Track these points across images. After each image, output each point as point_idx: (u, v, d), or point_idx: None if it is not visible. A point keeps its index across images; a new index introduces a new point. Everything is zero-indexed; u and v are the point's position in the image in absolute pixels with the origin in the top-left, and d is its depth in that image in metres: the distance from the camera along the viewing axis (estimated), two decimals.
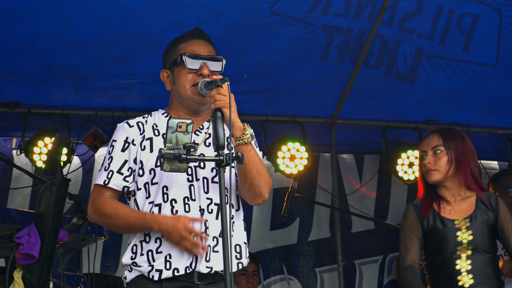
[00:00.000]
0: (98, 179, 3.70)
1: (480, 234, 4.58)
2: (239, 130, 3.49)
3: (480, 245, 4.57)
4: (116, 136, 3.74)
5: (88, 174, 7.57)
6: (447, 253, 4.55)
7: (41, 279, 4.68)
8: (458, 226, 4.57)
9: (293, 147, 7.64)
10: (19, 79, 6.62)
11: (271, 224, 8.08)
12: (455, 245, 4.55)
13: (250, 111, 7.38)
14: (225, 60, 3.73)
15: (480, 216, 4.60)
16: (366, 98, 7.45)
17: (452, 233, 4.54)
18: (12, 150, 7.33)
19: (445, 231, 4.56)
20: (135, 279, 3.61)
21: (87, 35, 6.18)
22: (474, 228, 4.57)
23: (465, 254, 4.55)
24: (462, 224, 4.57)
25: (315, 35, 6.61)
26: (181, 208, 3.58)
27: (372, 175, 8.28)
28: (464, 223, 4.57)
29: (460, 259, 4.54)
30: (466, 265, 4.54)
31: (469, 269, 4.53)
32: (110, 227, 3.73)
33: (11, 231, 4.62)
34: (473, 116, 7.80)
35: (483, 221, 4.59)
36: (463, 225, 4.56)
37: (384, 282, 8.30)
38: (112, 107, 7.16)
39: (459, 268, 4.53)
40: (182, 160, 3.17)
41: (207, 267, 3.56)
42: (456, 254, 4.55)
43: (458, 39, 6.77)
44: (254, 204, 3.70)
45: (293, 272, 8.07)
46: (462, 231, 4.55)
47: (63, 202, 4.74)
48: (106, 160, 3.71)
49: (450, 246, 4.55)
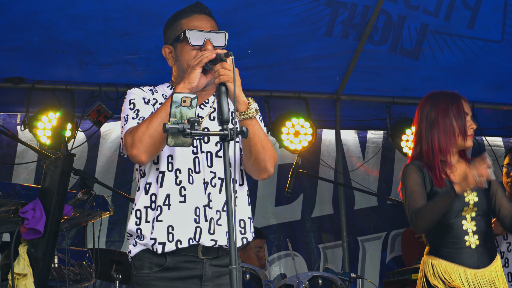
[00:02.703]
0: (127, 126, 3.59)
1: (483, 196, 4.66)
2: (244, 104, 3.48)
3: (483, 206, 4.64)
4: (131, 96, 3.70)
5: (93, 149, 7.58)
6: (453, 213, 4.57)
7: (46, 254, 4.71)
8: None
9: (298, 123, 7.65)
10: (23, 54, 6.62)
11: (276, 200, 8.10)
12: (462, 205, 4.58)
13: (254, 87, 7.37)
14: (228, 35, 3.71)
15: None
16: (371, 74, 7.45)
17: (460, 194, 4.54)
18: (16, 126, 7.34)
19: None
20: (140, 253, 3.61)
21: (91, 10, 6.18)
22: (478, 190, 4.59)
23: (470, 215, 4.60)
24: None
25: (319, 11, 6.60)
26: (185, 179, 3.58)
27: (375, 152, 8.28)
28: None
29: (465, 219, 4.59)
30: (472, 225, 4.59)
31: (475, 230, 4.59)
32: (152, 138, 3.45)
33: (16, 206, 4.64)
34: (478, 92, 7.78)
35: None
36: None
37: (387, 258, 8.32)
38: (116, 82, 7.16)
39: (466, 228, 4.58)
40: (187, 134, 3.16)
41: (211, 240, 3.57)
42: (462, 214, 4.58)
43: (464, 15, 6.75)
44: (259, 178, 3.69)
45: (297, 248, 8.10)
46: (468, 192, 4.57)
47: (68, 177, 4.76)
48: (132, 113, 3.63)
49: (458, 206, 4.58)
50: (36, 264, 4.70)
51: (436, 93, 4.86)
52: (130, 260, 3.69)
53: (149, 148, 3.47)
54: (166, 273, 3.57)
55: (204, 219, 3.57)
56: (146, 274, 3.59)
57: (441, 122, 4.70)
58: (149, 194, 3.62)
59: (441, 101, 4.76)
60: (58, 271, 5.06)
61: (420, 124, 4.78)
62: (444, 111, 4.71)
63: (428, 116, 4.75)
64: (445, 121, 4.70)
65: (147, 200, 3.61)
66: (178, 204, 3.57)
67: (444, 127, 4.69)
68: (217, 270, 3.61)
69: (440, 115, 4.71)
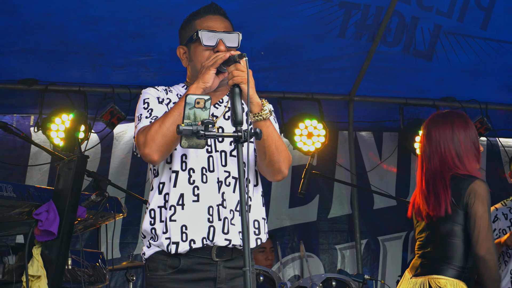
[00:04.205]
0: (140, 125, 3.59)
1: None
2: (257, 106, 3.48)
3: None
4: (146, 96, 3.71)
5: (106, 151, 7.59)
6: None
7: (60, 255, 4.71)
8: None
9: (311, 125, 7.63)
10: (36, 56, 6.64)
11: (290, 201, 8.08)
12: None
13: (267, 88, 7.37)
14: (242, 36, 3.70)
15: None
16: (384, 75, 7.43)
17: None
18: (30, 127, 7.36)
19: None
20: (154, 255, 3.61)
21: (103, 11, 6.18)
22: None
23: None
24: None
25: (332, 12, 6.58)
26: (198, 178, 3.58)
27: (391, 152, 8.26)
28: None
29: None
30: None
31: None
32: (164, 137, 3.45)
33: (29, 208, 4.64)
34: (491, 93, 7.76)
35: None
36: None
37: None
38: (129, 84, 7.16)
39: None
40: (200, 136, 3.15)
41: (225, 239, 3.56)
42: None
43: (477, 16, 6.73)
44: (273, 180, 3.69)
45: (313, 249, 8.08)
46: None
47: (82, 179, 4.76)
48: (145, 112, 3.64)
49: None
50: (50, 266, 4.71)
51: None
52: (144, 262, 3.69)
53: (161, 147, 3.47)
54: (180, 275, 3.57)
55: (217, 219, 3.57)
56: (160, 276, 3.59)
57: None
58: (162, 193, 3.62)
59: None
60: (72, 273, 5.07)
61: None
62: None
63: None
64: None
65: (161, 200, 3.62)
66: (192, 203, 3.57)
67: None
68: (231, 272, 3.61)
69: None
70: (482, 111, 7.87)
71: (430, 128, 4.68)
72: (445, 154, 4.55)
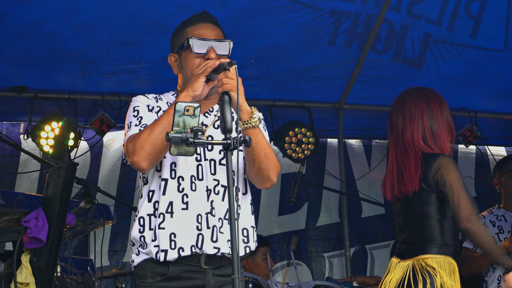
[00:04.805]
0: (129, 133, 3.60)
1: None
2: (247, 113, 3.49)
3: None
4: (136, 103, 3.71)
5: (96, 159, 7.57)
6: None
7: (48, 262, 4.70)
8: None
9: (300, 133, 7.63)
10: (26, 63, 6.61)
11: (279, 209, 8.08)
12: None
13: (257, 96, 7.37)
14: (233, 44, 3.71)
15: None
16: (374, 83, 7.44)
17: None
18: (19, 135, 7.33)
19: None
20: (142, 262, 3.62)
21: (94, 19, 6.17)
22: None
23: None
24: None
25: (322, 20, 6.59)
26: (187, 186, 3.59)
27: (380, 160, 8.27)
28: None
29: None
30: None
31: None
32: (153, 145, 3.45)
33: (18, 215, 4.64)
34: (480, 101, 7.78)
35: None
36: None
37: None
38: (119, 91, 7.15)
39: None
40: (190, 144, 3.16)
41: (214, 248, 3.57)
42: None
43: (466, 24, 6.74)
44: (262, 188, 3.70)
45: (301, 257, 8.08)
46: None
47: (71, 186, 4.76)
48: (135, 120, 3.65)
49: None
50: (38, 273, 4.70)
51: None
52: (133, 270, 3.69)
53: (150, 155, 3.48)
54: (168, 282, 3.57)
55: (206, 227, 3.57)
56: (148, 283, 3.59)
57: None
58: (152, 201, 3.62)
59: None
60: (60, 280, 5.06)
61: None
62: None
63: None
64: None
65: (150, 208, 3.62)
66: (181, 211, 3.57)
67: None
68: (220, 280, 3.61)
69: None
70: (471, 119, 7.88)
71: (404, 99, 4.70)
72: (418, 126, 4.56)
